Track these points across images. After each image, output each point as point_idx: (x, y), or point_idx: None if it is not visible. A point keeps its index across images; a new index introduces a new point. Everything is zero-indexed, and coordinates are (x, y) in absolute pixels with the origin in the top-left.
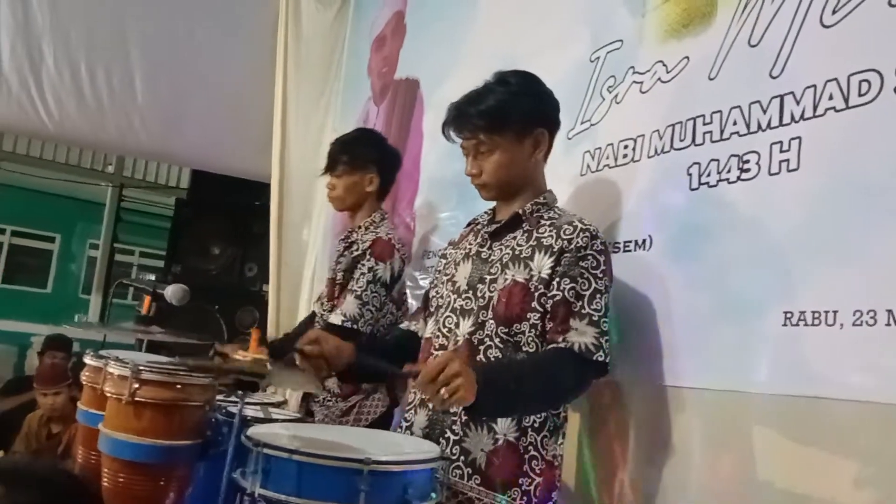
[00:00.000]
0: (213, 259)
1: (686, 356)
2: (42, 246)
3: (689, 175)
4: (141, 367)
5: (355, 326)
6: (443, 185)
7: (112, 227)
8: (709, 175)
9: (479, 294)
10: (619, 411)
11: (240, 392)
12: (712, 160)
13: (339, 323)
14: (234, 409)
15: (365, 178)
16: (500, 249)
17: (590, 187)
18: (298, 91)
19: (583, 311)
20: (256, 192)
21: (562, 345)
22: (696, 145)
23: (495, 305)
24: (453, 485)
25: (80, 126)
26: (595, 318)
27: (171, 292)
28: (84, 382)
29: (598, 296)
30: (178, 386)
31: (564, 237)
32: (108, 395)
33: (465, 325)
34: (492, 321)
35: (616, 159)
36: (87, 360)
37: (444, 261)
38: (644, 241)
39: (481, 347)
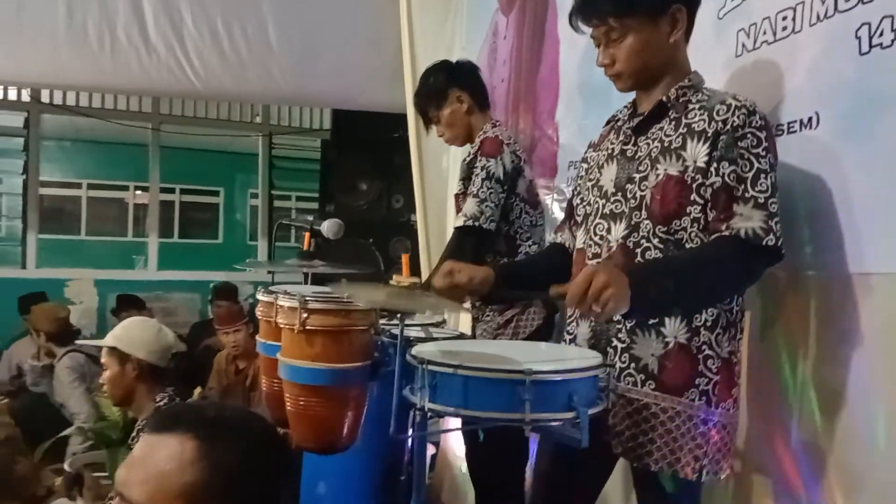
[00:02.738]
0: (361, 194)
1: (869, 240)
2: (209, 200)
3: (858, 38)
4: (307, 298)
5: (476, 224)
6: (585, 90)
7: (267, 174)
8: (881, 35)
9: (629, 195)
10: (797, 303)
11: (399, 314)
12: (885, 17)
13: (462, 224)
14: (397, 331)
15: (454, 103)
16: (647, 143)
17: (747, 69)
18: (423, 16)
19: (746, 195)
20: (395, 124)
21: (726, 233)
22: (863, 3)
23: (649, 204)
24: (624, 391)
25: (225, 81)
26: (761, 201)
27: (327, 227)
28: (259, 318)
29: (763, 176)
30: (344, 312)
31: (718, 118)
32: (282, 326)
33: (618, 230)
34: (647, 221)
35: (774, 34)
36: (260, 296)
37: (584, 165)
38: (810, 119)
39: (638, 251)
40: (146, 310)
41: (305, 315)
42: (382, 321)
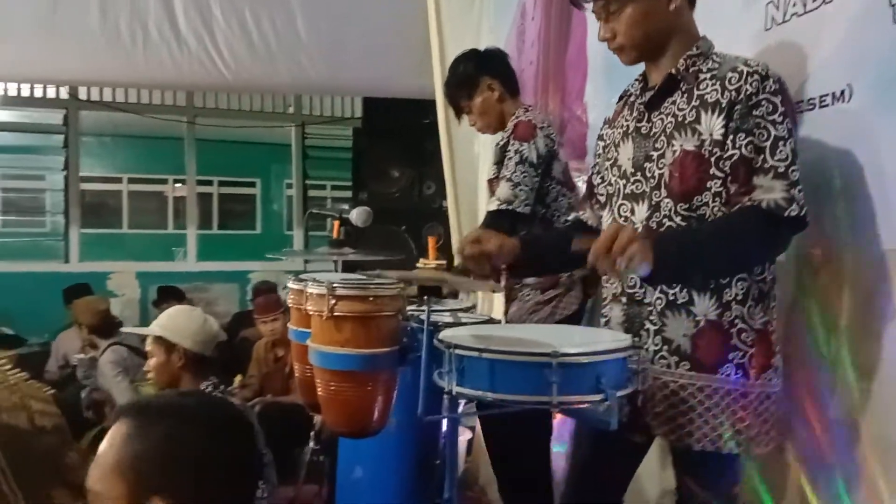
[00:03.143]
0: (393, 182)
1: None
2: (246, 192)
3: (893, 6)
4: (335, 285)
5: (510, 208)
6: (613, 70)
7: (301, 164)
8: None
9: (648, 174)
10: (832, 278)
11: (425, 298)
12: None
13: (495, 207)
14: (423, 317)
15: (484, 91)
16: (661, 119)
17: (776, 42)
18: (450, 0)
19: (766, 166)
20: (425, 110)
21: (748, 204)
22: None
23: (668, 182)
24: (658, 374)
25: (255, 72)
26: (781, 170)
27: (356, 215)
28: (290, 305)
29: (781, 143)
30: (371, 298)
31: (731, 87)
32: (311, 312)
33: (641, 211)
34: (668, 200)
35: (804, 5)
36: (290, 284)
37: (601, 143)
38: (842, 92)
39: (661, 230)
40: (186, 300)
41: (333, 301)
42: (411, 308)
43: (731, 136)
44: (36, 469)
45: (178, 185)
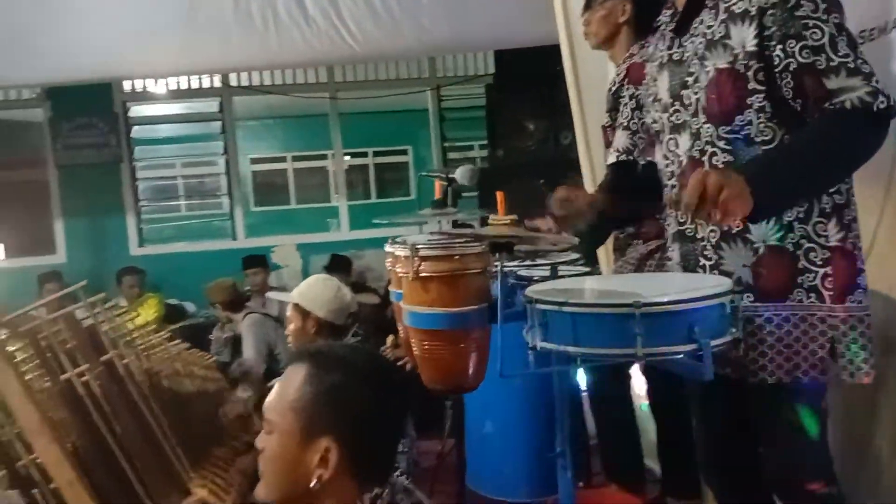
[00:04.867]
0: (528, 135)
1: None
2: (398, 160)
3: None
4: (418, 246)
5: (630, 158)
6: None
7: (438, 127)
8: None
9: (685, 101)
10: None
11: (497, 255)
12: None
13: (614, 159)
14: (524, 273)
15: (617, 8)
16: (692, 42)
17: None
18: None
19: (832, 64)
20: (556, 58)
21: (830, 109)
22: None
23: (705, 106)
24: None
25: (381, 41)
26: (851, 64)
27: (460, 173)
28: (389, 268)
29: (839, 38)
30: (455, 257)
31: None
32: (400, 274)
33: (684, 143)
34: (707, 126)
35: None
36: (387, 247)
37: (646, 80)
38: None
39: (704, 159)
40: (353, 268)
41: (418, 262)
42: (511, 264)
43: (776, 46)
44: (198, 430)
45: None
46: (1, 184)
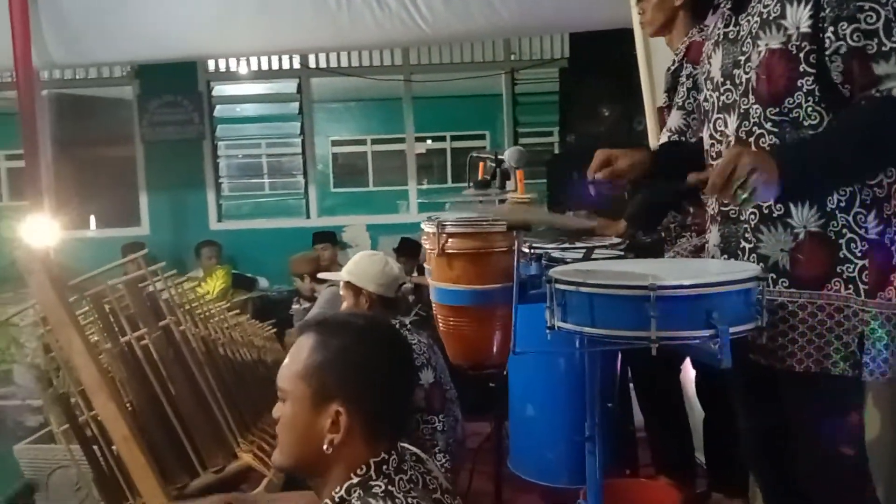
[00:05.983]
0: (602, 121)
1: None
2: (475, 144)
3: None
4: (445, 223)
5: (683, 138)
6: None
7: (511, 111)
8: None
9: (736, 81)
10: None
11: (514, 233)
12: None
13: (666, 139)
14: (556, 255)
15: None
16: (748, 21)
17: None
18: None
19: (883, 49)
20: (631, 41)
21: (876, 96)
22: None
23: (755, 86)
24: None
25: (451, 22)
26: None
27: (508, 154)
28: (424, 244)
29: (894, 22)
30: (481, 235)
31: None
32: (428, 251)
33: (732, 122)
34: (756, 106)
35: None
36: (423, 225)
37: (702, 58)
38: None
39: (751, 140)
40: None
41: (444, 239)
42: (549, 246)
43: (829, 28)
44: (252, 397)
45: (419, 143)
46: (92, 159)
